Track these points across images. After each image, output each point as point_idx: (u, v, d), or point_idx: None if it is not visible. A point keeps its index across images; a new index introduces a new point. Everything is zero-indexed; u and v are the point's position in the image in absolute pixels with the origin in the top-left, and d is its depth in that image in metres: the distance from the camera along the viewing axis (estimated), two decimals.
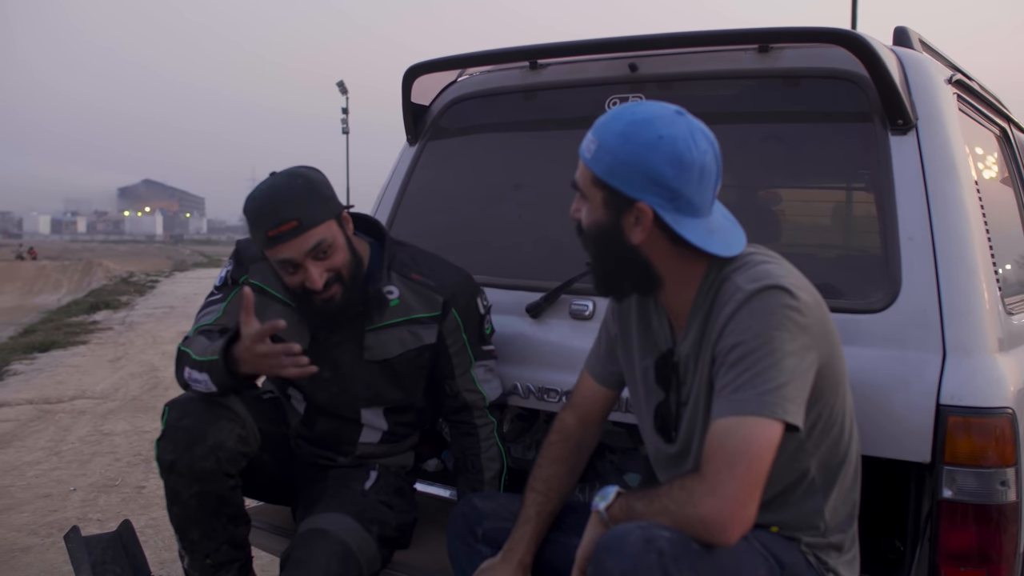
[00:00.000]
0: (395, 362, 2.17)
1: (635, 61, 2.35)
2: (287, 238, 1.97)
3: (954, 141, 1.97)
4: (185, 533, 2.04)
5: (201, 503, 1.99)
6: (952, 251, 1.86)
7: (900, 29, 2.24)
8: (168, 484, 2.00)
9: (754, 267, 1.54)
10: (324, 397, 2.20)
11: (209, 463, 1.94)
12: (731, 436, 1.41)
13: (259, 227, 2.00)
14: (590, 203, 1.61)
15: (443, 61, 2.56)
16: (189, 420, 1.97)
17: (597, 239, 1.62)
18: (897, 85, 1.93)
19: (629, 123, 1.55)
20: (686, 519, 1.41)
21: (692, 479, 1.44)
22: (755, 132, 2.28)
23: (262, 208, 2.00)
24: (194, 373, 1.98)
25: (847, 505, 1.65)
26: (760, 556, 1.51)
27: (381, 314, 2.15)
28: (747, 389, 1.43)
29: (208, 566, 2.05)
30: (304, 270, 2.00)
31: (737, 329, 1.48)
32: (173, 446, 1.96)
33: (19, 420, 7.31)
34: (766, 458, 1.41)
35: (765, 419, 1.41)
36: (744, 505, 1.39)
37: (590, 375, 1.90)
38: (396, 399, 2.22)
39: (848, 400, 1.64)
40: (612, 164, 1.54)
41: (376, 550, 2.03)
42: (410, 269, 2.20)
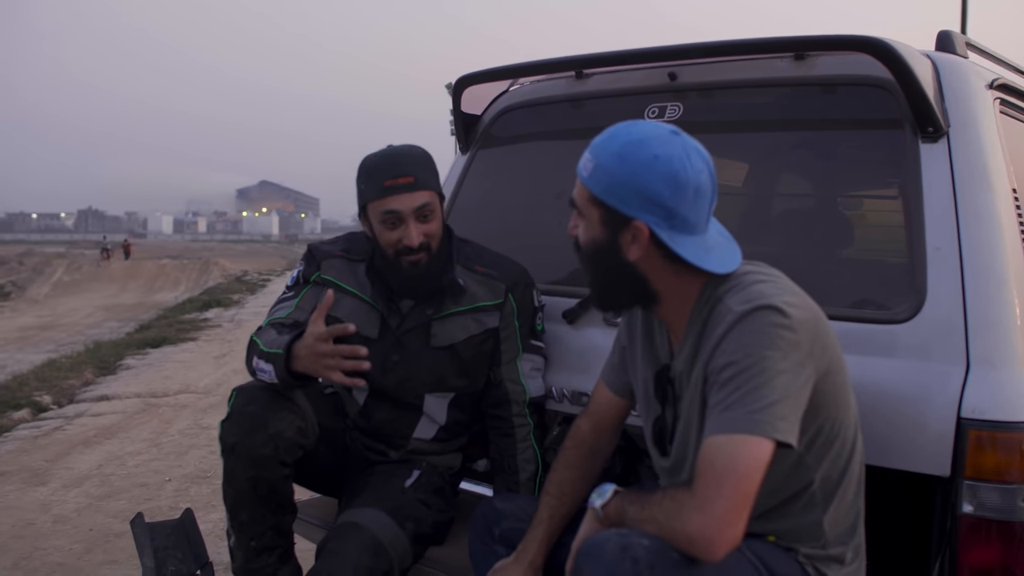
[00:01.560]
0: (460, 347, 2.27)
1: (674, 70, 2.38)
2: (401, 190, 2.15)
3: (989, 148, 1.93)
4: (235, 514, 2.16)
5: (254, 487, 2.10)
6: (980, 261, 1.82)
7: (943, 33, 2.19)
8: (227, 465, 2.12)
9: (747, 288, 1.55)
10: (392, 382, 2.29)
11: (267, 450, 2.05)
12: (720, 454, 1.43)
13: (376, 177, 2.18)
14: (587, 221, 1.64)
15: (489, 72, 2.63)
16: (254, 407, 2.09)
17: (594, 256, 1.65)
18: (926, 92, 1.90)
19: (625, 143, 1.58)
20: (673, 532, 1.43)
21: (683, 493, 1.46)
22: (791, 139, 2.27)
23: (382, 162, 2.20)
24: (261, 363, 2.10)
25: (849, 517, 1.64)
26: (749, 566, 1.53)
27: (454, 301, 2.26)
28: (737, 408, 1.45)
29: (252, 548, 2.17)
30: (406, 226, 2.16)
31: (728, 349, 1.49)
32: (236, 429, 2.08)
33: (126, 412, 7.74)
34: (755, 477, 1.42)
35: (755, 437, 1.42)
36: (731, 524, 1.40)
37: (605, 384, 1.94)
38: (460, 385, 2.30)
39: (852, 412, 1.64)
40: (609, 183, 1.58)
41: (408, 546, 2.11)
42: (474, 262, 2.32)
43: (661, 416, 1.72)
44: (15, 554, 4.22)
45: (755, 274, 1.60)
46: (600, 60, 2.49)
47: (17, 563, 4.10)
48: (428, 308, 2.27)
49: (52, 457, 6.15)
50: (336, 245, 2.40)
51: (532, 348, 2.30)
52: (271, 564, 2.17)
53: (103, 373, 10.35)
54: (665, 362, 1.73)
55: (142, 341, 13.32)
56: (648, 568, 1.38)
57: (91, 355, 11.73)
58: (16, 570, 4.02)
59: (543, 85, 2.74)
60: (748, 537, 1.58)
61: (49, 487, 5.38)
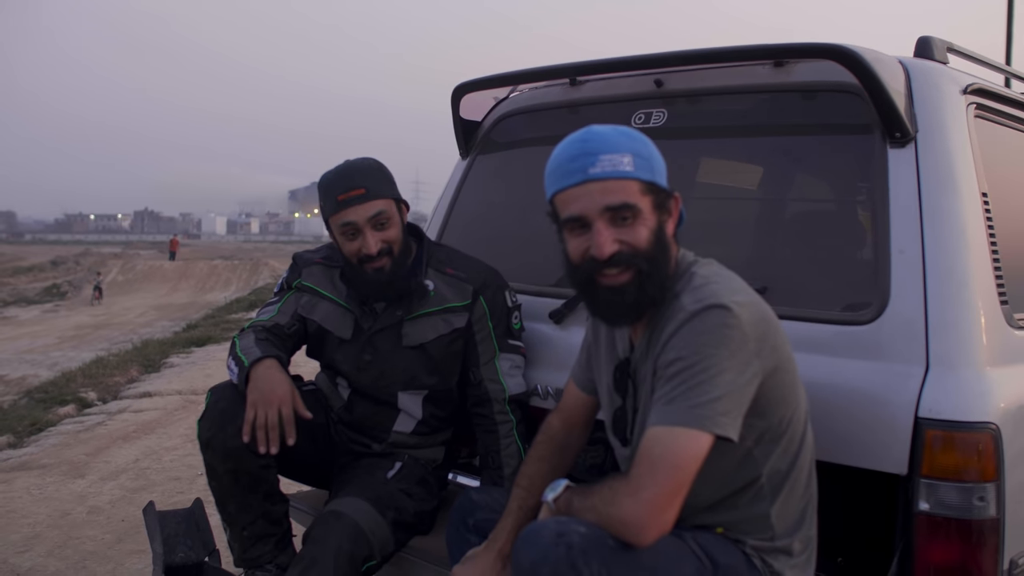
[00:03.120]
0: (430, 347, 2.37)
1: (660, 77, 2.43)
2: (354, 203, 2.27)
3: (957, 153, 1.96)
4: (224, 506, 2.28)
5: (235, 479, 2.21)
6: (942, 264, 1.86)
7: (923, 39, 2.22)
8: (206, 460, 2.25)
9: (700, 288, 1.61)
10: (366, 380, 2.42)
11: (238, 442, 2.16)
12: (658, 444, 1.50)
13: (331, 193, 2.31)
14: (642, 215, 1.64)
15: (485, 80, 2.72)
16: (224, 403, 2.21)
17: (656, 249, 1.65)
18: (893, 98, 1.93)
19: (635, 133, 1.71)
20: (608, 518, 1.51)
21: (619, 481, 1.54)
22: (769, 143, 2.32)
23: (335, 178, 2.33)
24: (231, 363, 2.27)
25: (797, 510, 1.69)
26: (690, 555, 1.59)
27: (421, 303, 2.37)
28: (679, 401, 1.51)
29: (245, 538, 2.28)
30: (363, 236, 2.27)
31: (678, 345, 1.56)
32: (209, 425, 2.21)
33: (166, 409, 7.97)
34: (690, 467, 1.49)
35: (693, 430, 1.49)
36: (662, 510, 1.47)
37: (574, 382, 2.02)
38: (432, 383, 2.40)
39: (802, 408, 1.69)
40: (654, 165, 1.67)
41: (389, 533, 2.20)
42: (445, 265, 2.43)
43: (621, 407, 1.79)
44: (50, 542, 4.40)
45: (709, 275, 1.66)
46: (591, 68, 2.55)
47: (51, 551, 4.29)
48: (399, 310, 2.38)
49: (92, 451, 6.38)
50: (318, 253, 2.54)
51: (510, 347, 2.38)
52: (268, 552, 2.28)
53: (148, 371, 10.64)
54: (625, 355, 1.80)
55: (187, 340, 13.66)
56: (582, 553, 1.45)
57: (138, 353, 12.06)
58: (50, 557, 4.20)
59: (540, 92, 2.81)
60: (695, 528, 1.65)
61: (87, 479, 5.59)
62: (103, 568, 4.05)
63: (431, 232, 2.90)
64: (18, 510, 4.95)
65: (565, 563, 1.45)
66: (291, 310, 2.45)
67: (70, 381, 9.56)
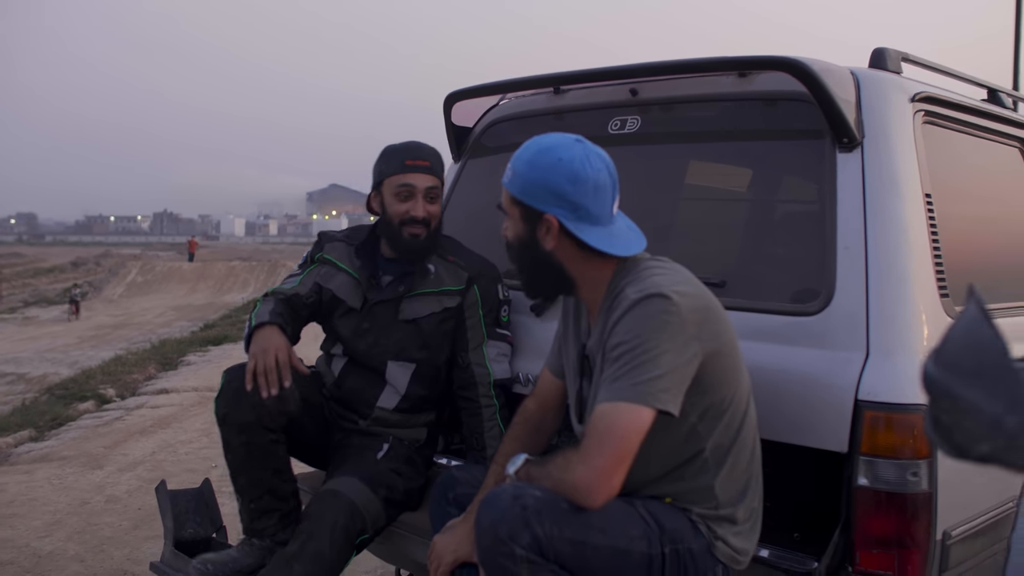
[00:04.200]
0: (422, 322, 2.57)
1: (635, 86, 2.60)
2: (419, 170, 2.56)
3: (901, 158, 2.12)
4: (235, 478, 2.48)
5: (248, 452, 2.41)
6: (884, 261, 2.02)
7: (877, 51, 2.38)
8: (222, 434, 2.45)
9: (645, 279, 1.79)
10: (361, 346, 2.63)
11: (249, 417, 2.36)
12: (604, 418, 1.69)
13: (399, 156, 2.57)
14: (512, 220, 1.94)
15: (474, 89, 2.90)
16: (237, 383, 2.40)
17: (520, 249, 1.94)
18: (840, 106, 2.09)
19: (535, 151, 1.88)
20: (562, 483, 1.69)
21: (572, 451, 1.72)
22: (734, 148, 2.48)
23: (407, 145, 2.62)
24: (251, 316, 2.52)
25: (740, 482, 1.86)
26: (637, 518, 1.76)
27: (421, 282, 2.59)
28: (623, 380, 1.70)
29: (252, 510, 2.47)
30: (415, 200, 2.53)
31: (621, 330, 1.74)
32: (224, 402, 2.42)
33: (182, 405, 8.20)
34: (633, 438, 1.67)
35: (635, 405, 1.67)
36: (609, 477, 1.66)
37: (548, 369, 2.20)
38: (421, 357, 2.59)
39: (743, 389, 1.86)
40: (524, 185, 1.88)
41: (381, 509, 2.39)
42: (448, 253, 2.65)
43: (580, 389, 1.97)
44: (70, 528, 4.62)
45: (655, 267, 1.84)
46: (573, 78, 2.72)
47: (71, 536, 4.50)
48: (400, 286, 2.60)
49: (110, 444, 6.61)
50: (341, 232, 2.80)
51: (497, 336, 2.57)
52: (272, 525, 2.47)
53: (165, 368, 10.90)
54: (584, 341, 1.98)
55: (204, 339, 13.93)
56: (535, 513, 1.64)
57: (155, 352, 12.33)
58: (69, 542, 4.41)
59: (527, 100, 2.98)
60: (646, 498, 1.82)
61: (105, 471, 5.81)
62: (120, 552, 4.25)
63: None
64: (39, 498, 5.17)
65: (520, 522, 1.63)
66: (311, 281, 2.67)
67: (90, 378, 9.82)
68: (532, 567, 1.64)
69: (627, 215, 2.03)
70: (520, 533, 1.63)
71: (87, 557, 4.18)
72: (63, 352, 16.30)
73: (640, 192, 2.57)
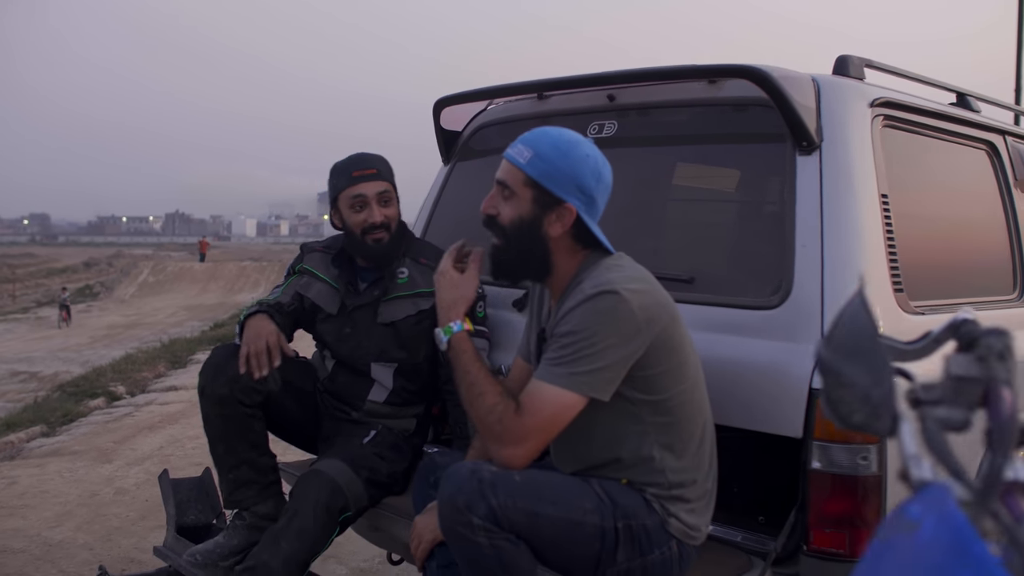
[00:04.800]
0: (400, 325, 2.71)
1: (613, 92, 2.73)
2: (367, 179, 2.69)
3: (857, 160, 2.24)
4: (214, 447, 2.63)
5: (224, 423, 2.57)
6: (838, 257, 2.14)
7: (841, 58, 2.50)
8: (201, 406, 2.62)
9: (602, 275, 1.92)
10: (345, 351, 2.77)
11: (226, 391, 2.52)
12: (539, 394, 1.87)
13: (346, 170, 2.71)
14: (517, 200, 1.99)
15: (461, 95, 3.03)
16: (216, 359, 2.59)
17: (516, 229, 2.00)
18: (799, 111, 2.22)
19: (564, 141, 1.99)
20: (486, 426, 1.90)
21: (513, 405, 1.88)
22: (705, 151, 2.61)
23: (352, 158, 2.76)
24: (237, 329, 2.67)
25: (692, 467, 1.98)
26: (591, 493, 1.90)
27: (395, 286, 2.72)
28: (564, 366, 1.86)
29: (231, 480, 2.62)
30: (370, 208, 2.67)
31: (572, 320, 1.88)
32: (203, 377, 2.60)
33: (190, 401, 8.34)
34: (560, 419, 1.86)
35: (568, 392, 1.84)
36: (526, 443, 1.86)
37: (519, 355, 2.32)
38: (401, 357, 2.73)
39: (695, 382, 1.99)
40: (549, 170, 1.96)
41: (363, 490, 2.53)
42: (419, 255, 2.78)
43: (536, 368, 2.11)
44: (79, 519, 4.77)
45: (614, 265, 1.96)
46: (555, 84, 2.85)
47: (80, 526, 4.65)
48: (376, 290, 2.73)
49: (120, 439, 6.77)
50: (320, 243, 2.93)
51: (475, 333, 2.68)
52: (250, 497, 2.62)
53: (174, 366, 11.07)
54: (543, 325, 2.11)
55: (213, 338, 14.10)
56: (491, 486, 1.78)
57: (165, 350, 12.51)
58: (79, 532, 4.56)
59: (513, 105, 3.11)
60: (602, 478, 1.96)
61: (114, 464, 5.97)
62: (128, 541, 4.40)
63: (417, 229, 3.23)
64: (50, 491, 5.33)
65: (476, 493, 1.77)
66: (292, 291, 2.82)
67: (100, 376, 10.00)
68: (489, 535, 1.77)
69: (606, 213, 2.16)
70: (477, 504, 1.77)
71: (96, 546, 4.33)
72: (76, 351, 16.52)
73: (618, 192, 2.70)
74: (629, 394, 1.93)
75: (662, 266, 2.44)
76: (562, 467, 2.08)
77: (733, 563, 2.14)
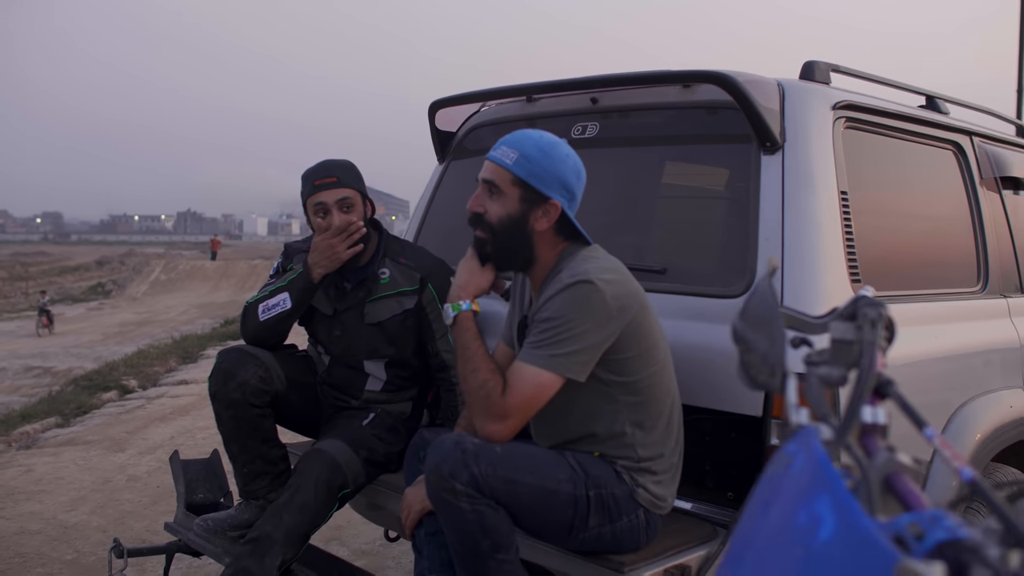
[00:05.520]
0: (387, 324, 2.86)
1: (596, 95, 2.90)
2: (327, 187, 2.80)
3: (817, 159, 2.40)
4: (229, 447, 2.79)
5: (237, 424, 2.72)
6: (797, 249, 2.31)
7: (808, 63, 2.67)
8: (214, 408, 2.76)
9: (578, 266, 2.10)
10: (337, 350, 2.93)
11: (237, 395, 2.68)
12: (521, 376, 2.04)
13: (310, 179, 2.83)
14: (505, 198, 2.17)
15: (456, 97, 3.21)
16: (227, 364, 2.73)
17: (506, 226, 2.18)
18: (763, 114, 2.38)
19: (546, 142, 2.17)
20: (477, 399, 2.06)
21: (502, 383, 2.05)
22: (679, 150, 2.78)
23: (316, 168, 2.86)
24: (270, 301, 2.83)
25: (659, 442, 2.15)
26: (565, 464, 2.07)
27: (378, 287, 2.87)
28: (544, 349, 2.03)
29: (245, 474, 2.79)
30: (330, 215, 2.79)
31: (551, 307, 2.06)
32: (214, 381, 2.74)
33: (200, 395, 8.55)
34: (541, 396, 2.03)
35: (547, 372, 2.02)
36: (510, 419, 2.03)
37: (501, 339, 2.50)
38: (390, 353, 2.89)
39: (662, 365, 2.16)
40: (535, 170, 2.14)
41: (361, 468, 2.70)
42: (399, 255, 2.92)
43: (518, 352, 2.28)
44: (93, 503, 4.98)
45: (590, 257, 2.14)
46: (542, 88, 3.03)
47: (94, 510, 4.85)
48: (361, 292, 2.88)
49: (132, 430, 6.97)
50: (304, 244, 3.04)
51: None
52: (264, 487, 2.79)
53: (185, 361, 11.28)
54: (525, 312, 2.28)
55: (224, 334, 14.31)
56: (473, 456, 1.95)
57: (177, 346, 12.72)
58: (93, 515, 4.76)
59: (504, 107, 3.29)
60: (576, 452, 2.13)
61: (127, 453, 6.17)
62: (139, 524, 4.60)
63: (413, 223, 3.41)
64: (65, 477, 5.54)
65: (460, 463, 1.94)
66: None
67: (113, 370, 10.22)
68: (471, 500, 1.95)
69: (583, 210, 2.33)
70: (460, 471, 1.94)
71: (109, 528, 4.53)
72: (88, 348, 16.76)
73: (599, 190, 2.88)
74: (603, 376, 2.11)
75: (638, 258, 2.62)
76: (541, 442, 2.25)
77: (697, 532, 2.31)
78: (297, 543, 2.58)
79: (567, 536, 2.09)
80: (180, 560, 3.34)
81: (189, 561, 3.85)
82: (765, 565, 0.94)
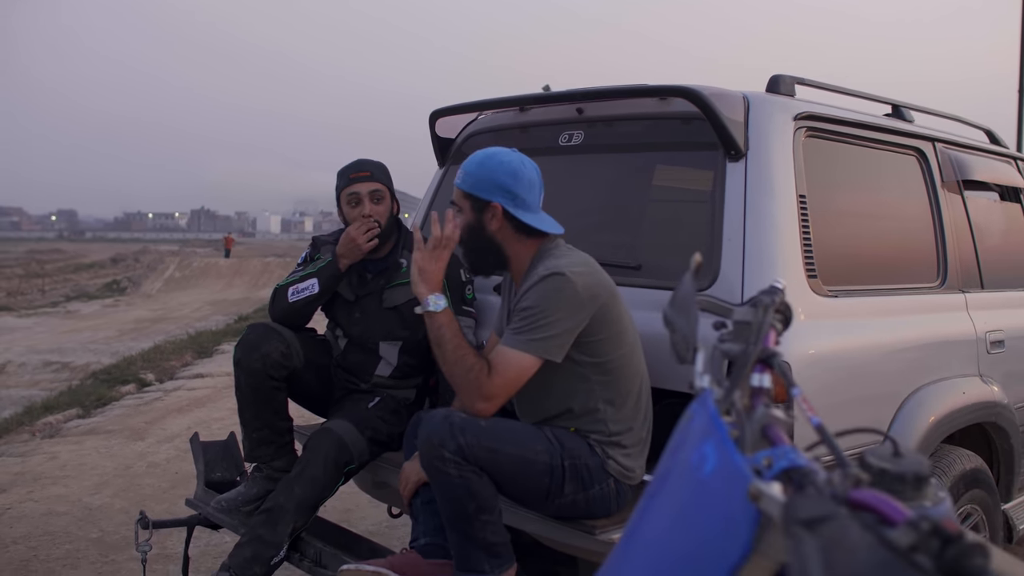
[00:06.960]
0: (402, 308, 3.13)
1: (581, 106, 3.16)
2: (361, 180, 3.15)
3: (778, 166, 2.65)
4: (242, 412, 3.06)
5: (253, 392, 3.00)
6: (757, 249, 2.56)
7: (774, 77, 2.91)
8: (235, 374, 3.04)
9: (551, 261, 2.36)
10: (356, 332, 3.21)
11: (258, 365, 2.95)
12: (506, 357, 2.29)
13: (347, 172, 3.16)
14: (463, 212, 2.48)
15: (455, 107, 3.48)
16: (253, 336, 3.02)
17: (469, 234, 2.49)
18: (727, 124, 2.63)
19: (483, 156, 2.48)
20: (467, 383, 2.30)
21: (487, 370, 2.30)
22: (656, 157, 3.03)
23: (353, 163, 3.22)
24: (300, 285, 3.13)
25: (628, 419, 2.41)
26: (542, 437, 2.33)
27: (397, 275, 3.17)
28: (522, 333, 2.29)
29: (254, 439, 3.06)
30: (363, 204, 3.12)
31: (529, 297, 2.32)
32: (240, 349, 3.01)
33: (216, 387, 8.85)
34: (521, 376, 2.29)
35: (526, 354, 2.28)
36: (496, 398, 2.29)
37: (493, 330, 2.76)
38: (404, 336, 3.16)
39: (629, 347, 2.41)
40: (474, 182, 2.45)
41: (365, 446, 2.96)
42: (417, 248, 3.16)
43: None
44: (115, 487, 5.27)
45: (563, 253, 2.40)
46: (533, 99, 3.28)
47: (116, 493, 5.14)
48: (381, 279, 3.17)
49: (151, 420, 7.27)
50: (331, 236, 3.35)
51: (464, 312, 3.12)
52: (269, 453, 3.06)
53: (201, 356, 11.59)
54: (511, 306, 2.54)
55: (238, 331, 14.59)
56: (460, 428, 2.21)
57: (192, 341, 13.03)
58: (115, 498, 5.05)
59: (500, 115, 3.54)
60: (554, 427, 2.39)
61: (146, 442, 6.46)
62: (159, 507, 4.88)
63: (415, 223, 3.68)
64: (88, 463, 5.83)
65: (448, 434, 2.20)
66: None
67: (131, 364, 10.53)
68: (458, 467, 2.21)
69: (569, 211, 2.59)
70: (448, 441, 2.20)
71: (131, 510, 4.81)
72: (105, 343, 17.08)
73: (583, 192, 3.14)
74: (577, 357, 2.37)
75: (616, 256, 2.87)
76: (525, 419, 2.51)
77: None
78: (307, 512, 2.85)
79: (544, 502, 2.35)
80: (198, 539, 3.62)
81: (207, 539, 4.13)
82: (672, 493, 1.20)
